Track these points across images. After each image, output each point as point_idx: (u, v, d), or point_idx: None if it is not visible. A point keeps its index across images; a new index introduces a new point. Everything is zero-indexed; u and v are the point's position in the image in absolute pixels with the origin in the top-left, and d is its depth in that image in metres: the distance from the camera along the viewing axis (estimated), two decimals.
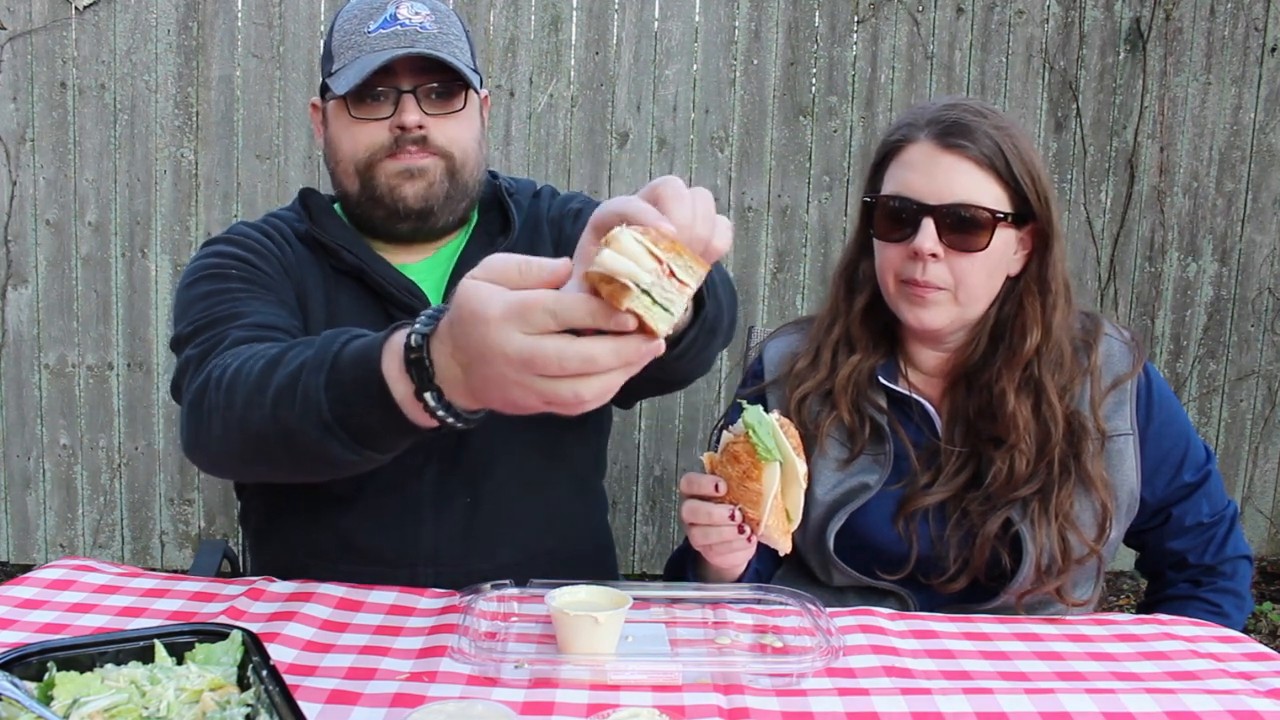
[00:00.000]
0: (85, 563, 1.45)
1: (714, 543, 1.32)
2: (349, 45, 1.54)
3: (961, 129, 1.46)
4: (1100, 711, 1.11)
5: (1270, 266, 3.90)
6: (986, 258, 1.47)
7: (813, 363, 1.61)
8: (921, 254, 1.46)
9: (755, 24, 3.71)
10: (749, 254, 3.81)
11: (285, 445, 1.15)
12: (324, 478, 1.30)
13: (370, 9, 1.55)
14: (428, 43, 1.52)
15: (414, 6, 1.54)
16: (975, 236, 1.45)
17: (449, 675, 1.15)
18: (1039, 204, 1.49)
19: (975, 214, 1.45)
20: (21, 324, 3.72)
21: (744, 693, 1.13)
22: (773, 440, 1.24)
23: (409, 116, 1.52)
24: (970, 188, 1.45)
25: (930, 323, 1.51)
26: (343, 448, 1.10)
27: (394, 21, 1.52)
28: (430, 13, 1.55)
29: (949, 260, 1.47)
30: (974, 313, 1.52)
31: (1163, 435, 1.58)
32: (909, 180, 1.48)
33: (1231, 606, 1.60)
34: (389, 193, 1.55)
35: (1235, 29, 3.78)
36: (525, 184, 1.77)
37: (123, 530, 3.84)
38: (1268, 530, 4.04)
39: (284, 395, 1.13)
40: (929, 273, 1.47)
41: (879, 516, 1.55)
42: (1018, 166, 1.46)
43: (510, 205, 1.67)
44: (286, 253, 1.62)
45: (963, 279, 1.47)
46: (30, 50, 3.59)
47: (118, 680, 0.99)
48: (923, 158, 1.48)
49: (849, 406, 1.57)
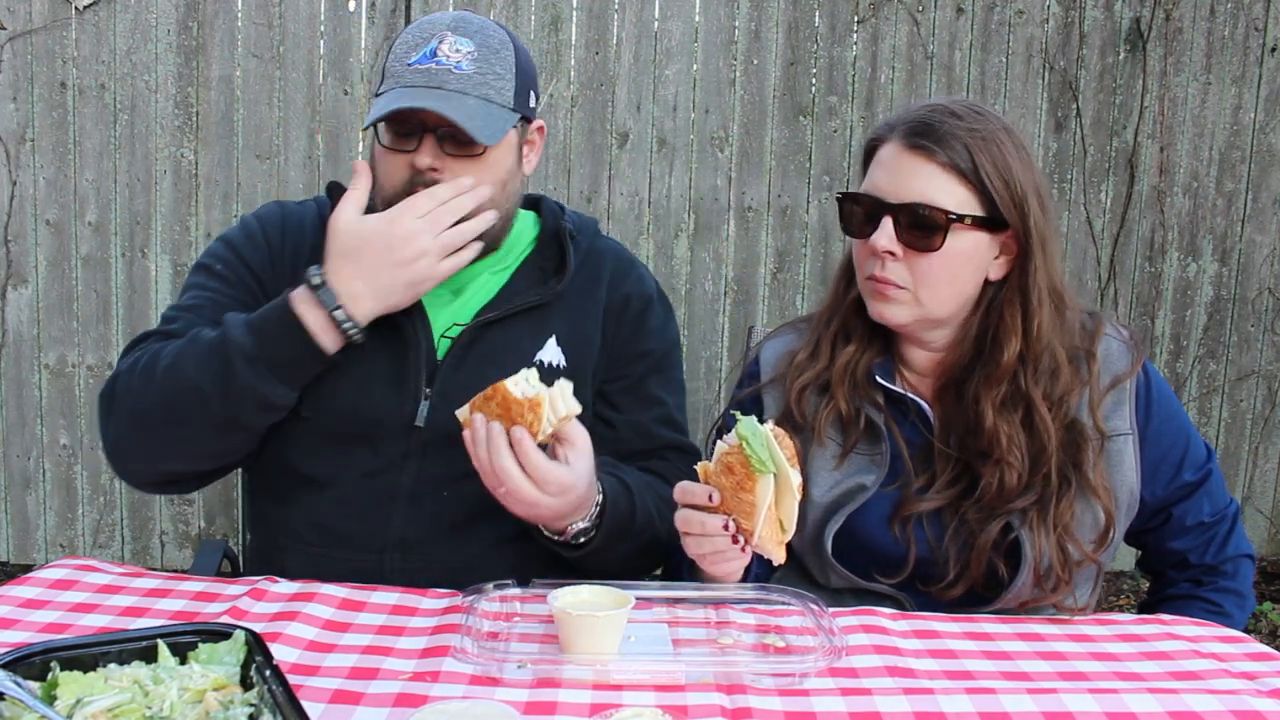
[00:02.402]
0: (87, 563, 1.45)
1: (708, 552, 1.32)
2: (391, 73, 1.56)
3: (929, 131, 1.47)
4: (1103, 711, 1.11)
5: (1270, 266, 3.90)
6: (945, 258, 1.47)
7: (812, 354, 1.63)
8: (878, 251, 1.47)
9: (755, 24, 3.71)
10: (749, 254, 3.81)
11: (201, 403, 1.47)
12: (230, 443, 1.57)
13: (419, 38, 1.55)
14: (458, 84, 1.52)
15: (457, 43, 1.54)
16: (929, 237, 1.46)
17: (452, 675, 1.15)
18: (1010, 210, 1.47)
19: (930, 214, 1.45)
20: (21, 324, 3.72)
21: (747, 692, 1.13)
22: (766, 452, 1.24)
23: (422, 159, 1.53)
24: (929, 188, 1.46)
25: (891, 318, 1.52)
26: (268, 383, 1.47)
27: (431, 58, 1.53)
28: (473, 50, 1.55)
29: (908, 259, 1.48)
30: (940, 312, 1.52)
31: (1162, 434, 1.57)
32: (877, 179, 1.51)
33: (1233, 606, 1.59)
34: None
35: (1235, 29, 3.78)
36: (588, 223, 1.78)
37: (123, 530, 3.84)
38: (1268, 530, 4.04)
39: (209, 351, 1.47)
40: (887, 270, 1.49)
41: (876, 519, 1.54)
42: (987, 170, 1.45)
43: (569, 248, 1.68)
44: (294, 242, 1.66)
45: (922, 278, 1.48)
46: (30, 50, 3.59)
47: (121, 680, 0.99)
48: (890, 157, 1.50)
49: (845, 396, 1.58)
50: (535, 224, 1.75)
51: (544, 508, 1.36)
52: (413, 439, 1.59)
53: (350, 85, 3.66)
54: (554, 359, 1.65)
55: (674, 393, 1.77)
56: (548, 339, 1.65)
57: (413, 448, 1.59)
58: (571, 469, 1.36)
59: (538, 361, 1.63)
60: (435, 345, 1.63)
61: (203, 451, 1.58)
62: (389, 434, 1.59)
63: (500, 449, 1.31)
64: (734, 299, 3.84)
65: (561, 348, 1.66)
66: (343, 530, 1.60)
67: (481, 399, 1.33)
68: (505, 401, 1.30)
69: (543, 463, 1.32)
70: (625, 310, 1.72)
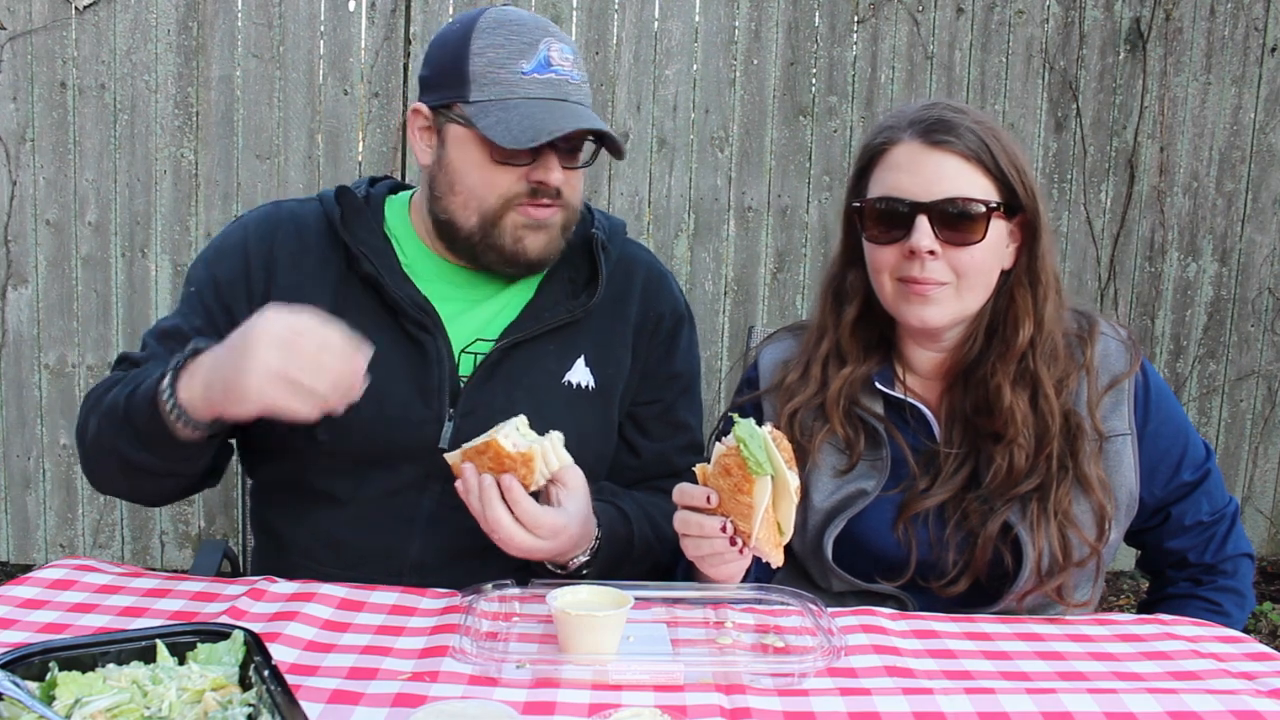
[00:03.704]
0: (86, 563, 1.45)
1: (705, 554, 1.32)
2: (496, 80, 1.49)
3: (945, 125, 1.47)
4: (1102, 711, 1.11)
5: (1270, 266, 3.90)
6: (984, 249, 1.48)
7: (802, 376, 1.61)
8: (919, 252, 1.46)
9: (755, 24, 3.71)
10: (749, 254, 3.81)
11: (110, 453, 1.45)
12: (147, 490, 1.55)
13: (520, 45, 1.50)
14: (577, 95, 1.51)
15: (563, 51, 1.52)
16: (970, 229, 1.46)
17: (451, 675, 1.15)
18: (1026, 195, 1.50)
19: (968, 206, 1.46)
20: (21, 324, 3.72)
21: (745, 692, 1.13)
22: (764, 454, 1.23)
23: (554, 175, 1.50)
24: (960, 182, 1.46)
25: (933, 320, 1.50)
26: (134, 448, 1.40)
27: (548, 68, 1.50)
28: (574, 56, 1.53)
29: (947, 255, 1.47)
30: (974, 305, 1.52)
31: (1160, 434, 1.57)
32: (897, 181, 1.49)
33: (1232, 605, 1.59)
34: (513, 243, 1.54)
35: (1235, 29, 3.78)
36: (617, 227, 1.74)
37: (123, 530, 3.84)
38: (1268, 530, 4.04)
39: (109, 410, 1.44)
40: (928, 269, 1.47)
41: (878, 523, 1.54)
42: (1003, 159, 1.48)
43: (601, 261, 1.64)
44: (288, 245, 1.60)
45: (964, 272, 1.48)
46: (30, 50, 3.59)
47: (120, 680, 0.99)
48: (909, 158, 1.49)
49: (841, 420, 1.57)
50: None
51: (540, 552, 1.37)
52: (435, 461, 1.50)
53: (350, 85, 3.66)
54: (583, 380, 1.62)
55: (697, 413, 1.77)
56: (576, 359, 1.62)
57: (435, 469, 1.52)
58: (564, 510, 1.37)
59: (566, 382, 1.60)
60: (456, 361, 1.58)
61: (145, 488, 1.54)
62: (411, 455, 1.55)
63: (492, 500, 1.32)
64: (734, 299, 3.84)
65: (590, 369, 1.62)
66: (359, 550, 1.57)
67: (474, 451, 1.34)
68: (498, 456, 1.32)
69: (533, 509, 1.33)
70: (658, 330, 1.69)
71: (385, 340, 1.47)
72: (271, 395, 1.21)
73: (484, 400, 1.55)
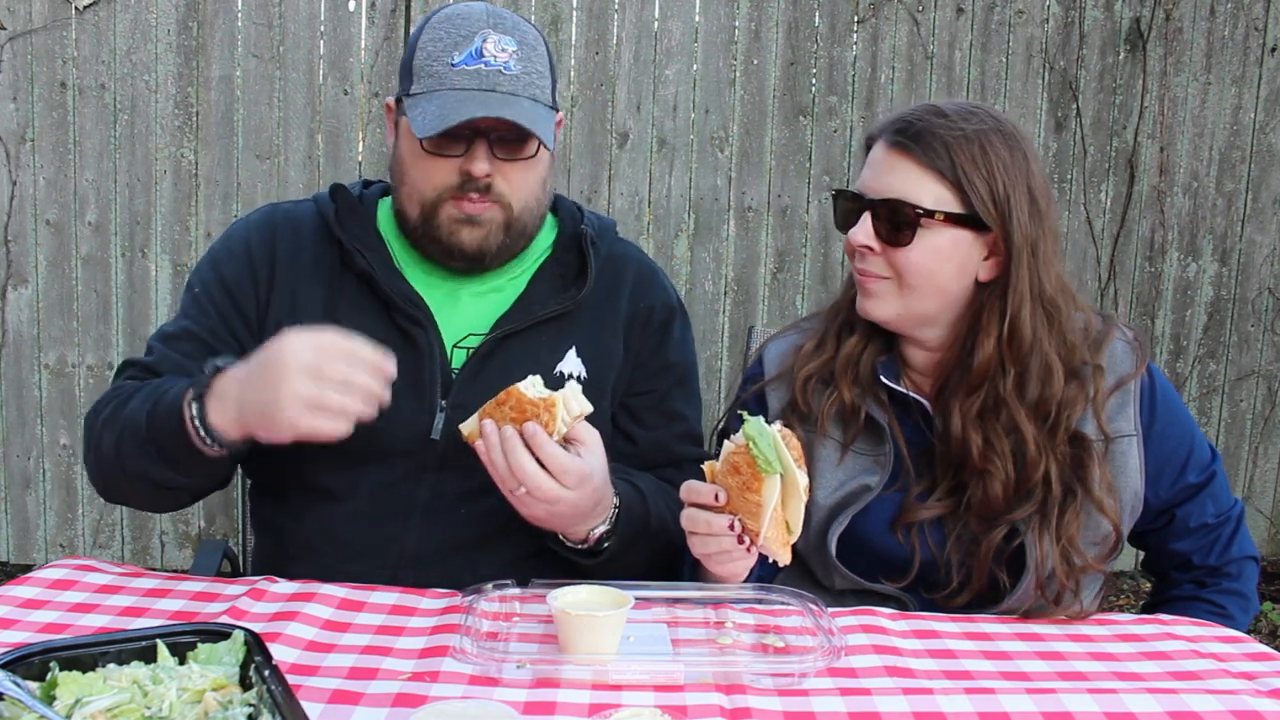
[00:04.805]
0: (87, 563, 1.45)
1: (713, 552, 1.33)
2: (429, 73, 1.51)
3: (911, 130, 1.49)
4: (1102, 711, 1.11)
5: (1270, 266, 3.90)
6: (919, 253, 1.48)
7: (819, 344, 1.65)
8: (855, 245, 1.51)
9: (755, 24, 3.71)
10: (749, 254, 3.81)
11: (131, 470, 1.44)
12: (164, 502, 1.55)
13: (458, 36, 1.50)
14: (509, 85, 1.49)
15: (501, 42, 1.51)
16: (900, 231, 1.48)
17: (451, 675, 1.15)
18: (988, 211, 1.47)
19: (901, 209, 1.48)
20: (21, 324, 3.72)
21: (746, 692, 1.13)
22: (773, 452, 1.24)
23: (478, 165, 1.50)
24: (905, 185, 1.48)
25: (874, 312, 1.54)
26: (157, 466, 1.41)
27: (478, 58, 1.49)
28: (516, 48, 1.52)
29: (885, 254, 1.51)
30: (923, 308, 1.52)
31: (1166, 436, 1.57)
32: (864, 176, 1.55)
33: (1236, 608, 1.59)
34: (448, 235, 1.55)
35: (1235, 29, 3.78)
36: (608, 225, 1.75)
37: (123, 530, 3.84)
38: (1268, 530, 4.04)
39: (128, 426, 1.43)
40: (867, 263, 1.52)
41: (879, 522, 1.54)
42: (968, 170, 1.46)
43: (590, 255, 1.64)
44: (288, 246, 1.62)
45: (901, 271, 1.50)
46: (30, 50, 3.59)
47: (120, 680, 0.99)
48: (877, 157, 1.53)
49: (848, 387, 1.58)
50: (553, 226, 1.72)
51: (564, 503, 1.34)
52: (429, 452, 1.56)
53: (350, 85, 3.66)
54: (574, 370, 1.62)
55: (694, 405, 1.76)
56: (567, 350, 1.63)
57: (429, 461, 1.56)
58: (586, 461, 1.35)
59: (558, 373, 1.61)
60: (448, 354, 1.59)
61: (165, 500, 1.54)
62: (405, 447, 1.56)
63: (516, 448, 1.31)
64: (734, 299, 3.84)
65: (581, 359, 1.63)
66: (357, 543, 1.58)
67: (493, 405, 1.33)
68: (520, 404, 1.31)
69: (559, 454, 1.32)
70: (649, 322, 1.70)
71: (378, 335, 1.48)
72: (307, 424, 1.25)
73: (476, 392, 1.55)
